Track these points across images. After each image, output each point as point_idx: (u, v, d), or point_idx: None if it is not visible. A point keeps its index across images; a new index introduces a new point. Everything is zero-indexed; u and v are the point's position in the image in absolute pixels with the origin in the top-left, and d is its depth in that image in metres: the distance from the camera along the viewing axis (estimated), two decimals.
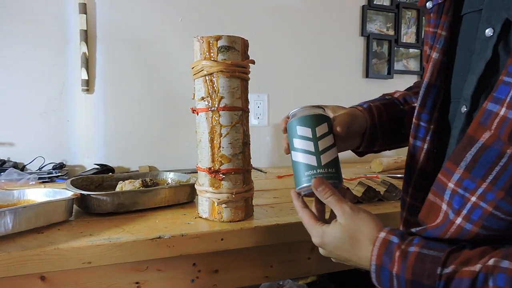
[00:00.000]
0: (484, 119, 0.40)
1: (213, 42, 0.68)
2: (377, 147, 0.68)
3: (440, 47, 0.53)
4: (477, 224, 0.39)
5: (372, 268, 0.45)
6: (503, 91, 0.39)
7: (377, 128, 0.66)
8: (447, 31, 0.52)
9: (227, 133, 0.70)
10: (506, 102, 0.38)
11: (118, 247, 0.62)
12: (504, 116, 0.38)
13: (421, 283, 0.40)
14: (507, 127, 0.37)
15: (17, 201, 0.77)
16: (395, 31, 1.79)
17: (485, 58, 0.45)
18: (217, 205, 0.72)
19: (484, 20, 0.46)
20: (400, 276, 0.42)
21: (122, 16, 1.39)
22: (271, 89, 1.61)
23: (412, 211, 0.56)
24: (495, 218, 0.38)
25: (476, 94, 0.46)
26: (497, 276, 0.36)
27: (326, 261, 0.80)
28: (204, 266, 0.70)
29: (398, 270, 0.42)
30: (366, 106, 0.67)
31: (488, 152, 0.39)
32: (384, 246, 0.44)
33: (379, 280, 0.45)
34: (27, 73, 1.29)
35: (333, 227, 0.50)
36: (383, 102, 0.68)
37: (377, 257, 0.45)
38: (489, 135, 0.39)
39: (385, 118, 0.66)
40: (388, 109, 0.67)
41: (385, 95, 0.73)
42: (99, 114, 1.38)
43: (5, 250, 0.57)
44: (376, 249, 0.45)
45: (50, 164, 1.30)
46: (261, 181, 1.19)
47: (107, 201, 0.76)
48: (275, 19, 1.59)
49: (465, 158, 0.41)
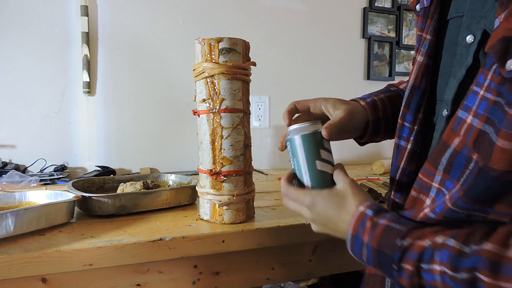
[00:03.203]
0: (455, 125, 0.42)
1: (215, 44, 0.69)
2: (379, 139, 0.70)
3: (424, 51, 0.54)
4: (439, 215, 0.42)
5: (348, 237, 0.49)
6: (472, 100, 0.40)
7: (381, 121, 0.66)
8: (432, 35, 0.53)
9: (228, 135, 0.71)
10: (472, 111, 0.40)
11: (119, 249, 0.62)
12: (470, 124, 0.40)
13: (384, 252, 0.44)
14: (472, 134, 0.39)
15: (19, 203, 0.77)
16: (396, 33, 1.79)
17: (466, 64, 0.46)
18: (218, 207, 0.72)
19: (465, 27, 0.47)
20: (368, 245, 0.46)
21: (124, 18, 1.39)
22: (272, 91, 1.61)
23: (395, 209, 0.57)
24: (453, 213, 0.41)
25: (456, 98, 0.47)
26: (442, 252, 0.38)
27: (327, 263, 0.80)
28: (205, 268, 0.70)
29: (367, 239, 0.46)
30: (369, 100, 0.67)
31: (459, 157, 0.41)
32: (360, 218, 0.48)
33: (352, 248, 0.49)
34: (29, 75, 1.30)
35: (329, 190, 0.54)
36: (388, 95, 0.69)
37: (353, 227, 0.48)
38: (458, 141, 0.41)
39: (389, 111, 0.67)
40: (393, 102, 0.68)
41: (390, 86, 0.73)
42: (100, 116, 1.39)
43: (6, 252, 0.57)
44: (353, 220, 0.49)
45: (52, 166, 1.30)
46: (262, 183, 1.18)
47: (108, 203, 0.76)
48: (276, 21, 1.60)
49: (441, 162, 0.44)
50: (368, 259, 0.46)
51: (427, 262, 0.39)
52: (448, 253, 0.38)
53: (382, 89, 0.72)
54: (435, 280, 0.39)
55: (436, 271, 0.38)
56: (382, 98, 0.68)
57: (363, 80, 1.77)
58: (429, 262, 0.39)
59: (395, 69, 1.79)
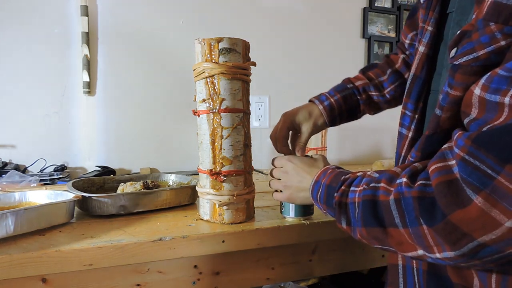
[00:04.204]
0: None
1: (215, 44, 0.69)
2: (336, 125, 0.85)
3: (426, 41, 0.56)
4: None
5: (311, 184, 0.60)
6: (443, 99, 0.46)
7: (337, 119, 0.82)
8: (433, 26, 0.55)
9: (228, 135, 0.71)
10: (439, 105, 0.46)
11: (119, 249, 0.62)
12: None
13: (331, 186, 0.55)
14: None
15: (19, 203, 0.77)
16: (396, 33, 1.79)
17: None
18: (218, 207, 0.72)
19: (455, 23, 0.50)
20: (323, 183, 0.57)
21: (124, 18, 1.39)
22: (272, 91, 1.61)
23: None
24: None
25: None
26: (367, 179, 0.50)
27: (327, 263, 0.80)
28: (205, 268, 0.70)
29: (324, 180, 0.57)
30: (327, 103, 0.81)
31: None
32: (324, 170, 0.60)
33: (312, 192, 0.60)
34: (29, 75, 1.30)
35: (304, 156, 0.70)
36: (343, 95, 0.81)
37: (317, 176, 0.60)
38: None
39: (344, 108, 0.81)
40: (347, 101, 0.81)
41: (346, 82, 0.84)
42: (100, 116, 1.39)
43: (6, 252, 0.57)
44: (319, 171, 0.61)
45: (52, 166, 1.30)
46: (262, 183, 1.18)
47: (108, 203, 0.76)
48: (276, 21, 1.60)
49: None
50: (320, 197, 0.57)
51: (355, 186, 0.51)
52: (369, 179, 0.50)
53: (339, 86, 0.84)
54: (355, 196, 0.50)
55: (358, 190, 0.50)
56: (337, 98, 0.81)
57: None
58: (356, 186, 0.51)
59: None
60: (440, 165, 0.40)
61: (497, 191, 0.34)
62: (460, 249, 0.38)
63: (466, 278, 0.45)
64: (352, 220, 0.50)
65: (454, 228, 0.37)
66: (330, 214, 0.56)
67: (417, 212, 0.40)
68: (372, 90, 0.82)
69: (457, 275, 0.46)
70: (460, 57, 0.42)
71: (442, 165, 0.40)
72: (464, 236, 0.37)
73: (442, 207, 0.38)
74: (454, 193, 0.37)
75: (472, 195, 0.36)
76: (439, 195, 0.38)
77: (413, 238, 0.42)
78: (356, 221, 0.49)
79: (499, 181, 0.34)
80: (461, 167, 0.37)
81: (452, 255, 0.39)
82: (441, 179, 0.39)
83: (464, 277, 0.45)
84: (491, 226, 0.35)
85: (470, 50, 0.41)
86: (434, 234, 0.39)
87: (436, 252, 0.40)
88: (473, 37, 0.41)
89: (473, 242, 0.36)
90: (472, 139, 0.37)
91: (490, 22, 0.39)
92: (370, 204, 0.47)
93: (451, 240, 0.38)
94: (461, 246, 0.37)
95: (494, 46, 0.38)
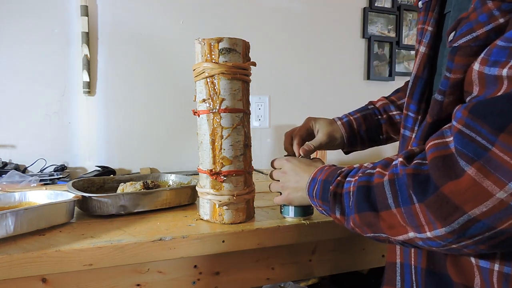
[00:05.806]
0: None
1: (215, 44, 0.69)
2: (357, 149, 0.85)
3: (426, 42, 0.56)
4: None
5: (308, 181, 0.61)
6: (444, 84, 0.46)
7: (357, 137, 0.81)
8: (433, 26, 0.55)
9: (228, 135, 0.71)
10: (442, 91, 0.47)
11: (119, 249, 0.62)
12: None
13: (327, 180, 0.55)
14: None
15: (19, 203, 0.77)
16: (396, 33, 1.79)
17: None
18: (218, 207, 0.72)
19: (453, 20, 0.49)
20: (319, 179, 0.57)
21: (124, 18, 1.39)
22: (272, 91, 1.61)
23: None
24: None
25: None
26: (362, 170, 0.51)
27: (327, 263, 0.80)
28: (205, 268, 0.70)
29: (320, 176, 0.58)
30: (345, 120, 0.82)
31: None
32: (321, 168, 0.61)
33: (308, 189, 0.60)
34: (29, 75, 1.30)
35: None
36: (363, 114, 0.82)
37: (313, 173, 0.61)
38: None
39: (363, 128, 0.81)
40: (367, 120, 0.81)
41: (369, 104, 0.85)
42: (100, 116, 1.39)
43: (6, 252, 0.57)
44: (315, 169, 0.61)
45: (52, 166, 1.30)
46: (262, 183, 1.18)
47: (108, 203, 0.76)
48: (276, 21, 1.60)
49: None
50: (316, 193, 0.57)
51: (351, 176, 0.51)
52: (365, 168, 0.50)
53: (361, 108, 0.84)
54: (350, 186, 0.50)
55: (353, 180, 0.50)
56: (357, 117, 0.82)
57: (363, 80, 1.77)
58: (352, 176, 0.51)
59: (395, 69, 1.79)
60: (437, 142, 0.40)
61: (491, 161, 0.34)
62: (450, 225, 0.37)
63: (467, 277, 0.45)
64: (347, 210, 0.50)
65: (446, 200, 0.37)
66: (325, 209, 0.56)
67: (410, 189, 0.40)
68: (392, 109, 0.81)
69: (458, 274, 0.46)
70: (459, 38, 0.41)
71: (439, 141, 0.40)
72: (455, 210, 0.36)
73: (435, 179, 0.38)
74: (448, 166, 0.37)
75: (466, 166, 0.36)
76: (433, 169, 0.38)
77: (405, 217, 0.42)
78: (350, 210, 0.49)
79: (493, 152, 0.34)
80: (457, 139, 0.37)
81: (443, 231, 0.38)
82: (436, 153, 0.39)
83: (465, 276, 0.45)
84: (482, 197, 0.35)
85: (469, 31, 0.40)
86: (426, 210, 0.39)
87: (427, 231, 0.40)
88: (471, 17, 0.40)
89: (464, 217, 0.36)
90: (469, 110, 0.37)
91: (487, 0, 0.39)
92: (364, 189, 0.47)
93: (442, 215, 0.37)
94: (452, 221, 0.37)
95: (493, 24, 0.38)
